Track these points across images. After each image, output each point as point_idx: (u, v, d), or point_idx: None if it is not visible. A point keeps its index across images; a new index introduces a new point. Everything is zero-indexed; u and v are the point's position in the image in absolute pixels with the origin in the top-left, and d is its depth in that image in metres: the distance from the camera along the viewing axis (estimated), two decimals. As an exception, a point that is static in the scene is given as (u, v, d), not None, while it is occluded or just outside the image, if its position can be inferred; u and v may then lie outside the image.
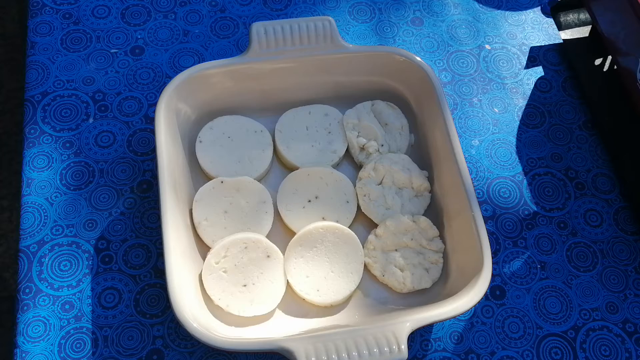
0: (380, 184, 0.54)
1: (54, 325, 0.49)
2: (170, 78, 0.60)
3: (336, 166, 0.56)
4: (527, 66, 0.65)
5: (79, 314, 0.49)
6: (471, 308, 0.45)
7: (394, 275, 0.51)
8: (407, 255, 0.52)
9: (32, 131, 0.57)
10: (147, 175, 0.55)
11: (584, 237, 0.56)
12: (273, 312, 0.49)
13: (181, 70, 0.61)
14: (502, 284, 0.53)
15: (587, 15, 0.67)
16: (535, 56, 0.66)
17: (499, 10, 0.69)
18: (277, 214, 0.53)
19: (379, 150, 0.56)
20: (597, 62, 0.64)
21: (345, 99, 0.58)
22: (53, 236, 0.52)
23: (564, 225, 0.57)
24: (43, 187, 0.54)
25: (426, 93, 0.55)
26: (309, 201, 0.53)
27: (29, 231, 0.52)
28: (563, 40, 0.67)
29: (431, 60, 0.65)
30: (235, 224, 0.51)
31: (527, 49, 0.66)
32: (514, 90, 0.64)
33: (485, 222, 0.56)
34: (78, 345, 0.48)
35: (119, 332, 0.49)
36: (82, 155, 0.56)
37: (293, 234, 0.52)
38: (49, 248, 0.51)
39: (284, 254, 0.50)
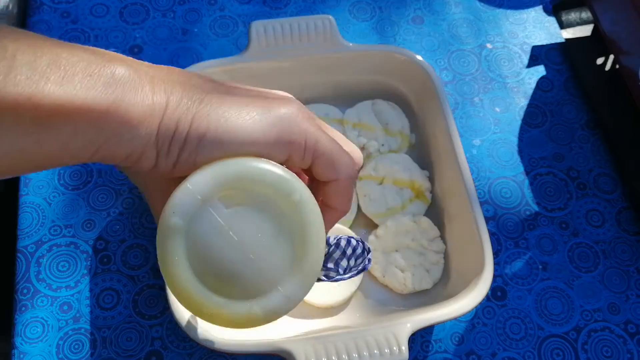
0: (380, 184, 0.54)
1: (52, 326, 0.48)
2: (169, 77, 0.60)
3: (336, 166, 0.56)
4: (529, 65, 0.65)
5: (77, 315, 0.49)
6: (472, 309, 0.45)
7: (394, 276, 0.50)
8: (408, 256, 0.51)
9: (30, 130, 0.56)
10: (146, 175, 0.55)
11: (585, 237, 0.56)
12: (273, 313, 0.49)
13: (180, 69, 0.60)
14: (504, 285, 0.53)
15: (589, 14, 0.67)
16: (537, 55, 0.66)
17: (500, 9, 0.68)
18: (276, 214, 0.53)
19: (379, 150, 0.56)
20: (599, 61, 0.64)
21: (345, 98, 0.58)
22: (51, 236, 0.52)
23: (566, 226, 0.56)
24: (41, 187, 0.54)
25: (427, 92, 0.55)
26: (309, 201, 0.53)
27: (26, 231, 0.52)
28: (565, 39, 0.66)
29: (432, 59, 0.64)
30: (235, 224, 0.51)
31: (529, 48, 0.66)
32: (516, 90, 0.63)
33: (487, 223, 0.55)
34: (76, 346, 0.48)
35: (118, 333, 0.48)
36: (81, 154, 0.56)
37: (293, 234, 0.51)
38: (47, 248, 0.51)
39: (283, 255, 0.50)
